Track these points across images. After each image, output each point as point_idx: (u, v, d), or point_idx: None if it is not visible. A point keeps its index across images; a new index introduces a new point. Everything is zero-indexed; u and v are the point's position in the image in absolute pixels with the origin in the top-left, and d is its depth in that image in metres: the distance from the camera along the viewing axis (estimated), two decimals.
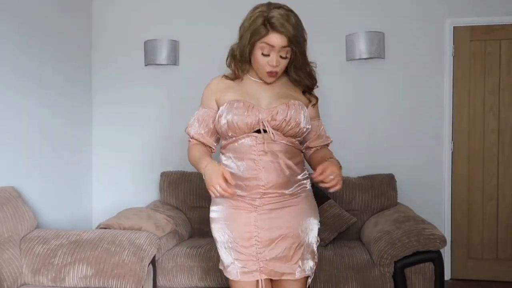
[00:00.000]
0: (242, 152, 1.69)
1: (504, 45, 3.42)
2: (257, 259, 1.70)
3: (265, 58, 1.64)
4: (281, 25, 1.57)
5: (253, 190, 1.68)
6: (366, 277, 2.58)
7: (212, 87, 1.80)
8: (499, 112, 3.44)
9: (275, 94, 1.72)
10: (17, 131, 2.81)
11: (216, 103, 1.76)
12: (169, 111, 3.70)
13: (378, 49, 3.37)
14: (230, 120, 1.65)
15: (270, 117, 1.65)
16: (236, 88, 1.74)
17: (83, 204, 3.65)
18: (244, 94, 1.71)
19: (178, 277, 2.75)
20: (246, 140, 1.68)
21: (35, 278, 2.31)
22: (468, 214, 3.47)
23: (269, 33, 1.59)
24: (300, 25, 1.63)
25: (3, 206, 2.34)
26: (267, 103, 1.70)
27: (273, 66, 1.64)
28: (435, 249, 2.50)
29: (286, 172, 1.69)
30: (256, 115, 1.65)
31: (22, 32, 2.86)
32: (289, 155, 1.70)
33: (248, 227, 1.70)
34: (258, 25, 1.60)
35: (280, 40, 1.59)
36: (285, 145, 1.69)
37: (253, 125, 1.66)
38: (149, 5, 3.71)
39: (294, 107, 1.67)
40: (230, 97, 1.71)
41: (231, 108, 1.66)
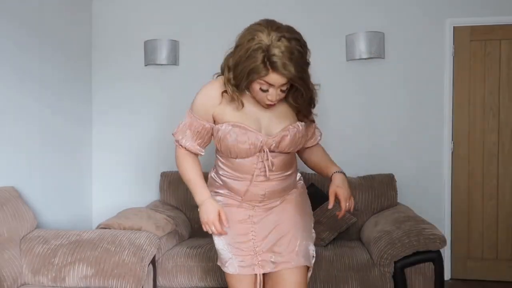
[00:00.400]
0: (240, 167, 1.71)
1: (504, 45, 3.42)
2: (255, 253, 1.74)
3: (263, 93, 1.56)
4: (282, 66, 1.45)
5: (252, 198, 1.75)
6: (366, 277, 2.58)
7: (211, 100, 1.66)
8: (499, 112, 3.44)
9: (273, 113, 1.67)
10: (17, 131, 2.81)
11: (213, 117, 1.68)
12: (169, 111, 3.70)
13: (378, 49, 3.37)
14: (232, 146, 1.64)
15: (274, 144, 1.65)
16: (234, 107, 1.64)
17: (83, 204, 3.65)
18: (243, 116, 1.64)
19: (178, 277, 2.75)
20: (247, 160, 1.68)
21: (35, 278, 2.31)
22: (468, 214, 3.47)
23: (269, 73, 1.48)
24: (304, 55, 1.51)
25: (3, 206, 2.34)
26: (266, 125, 1.67)
27: (271, 100, 1.58)
28: (435, 249, 2.50)
29: (285, 181, 1.76)
30: (258, 144, 1.64)
31: (22, 32, 2.86)
32: (287, 164, 1.75)
33: (244, 224, 1.76)
34: (257, 63, 1.47)
35: (280, 80, 1.50)
36: (283, 157, 1.72)
37: (254, 153, 1.66)
38: (149, 5, 3.71)
39: (295, 131, 1.67)
40: (230, 117, 1.64)
41: (232, 134, 1.62)
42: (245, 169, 1.70)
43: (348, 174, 3.29)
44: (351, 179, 3.29)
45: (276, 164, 1.69)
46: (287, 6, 3.53)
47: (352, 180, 3.29)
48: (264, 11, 3.55)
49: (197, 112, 1.70)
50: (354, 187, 3.24)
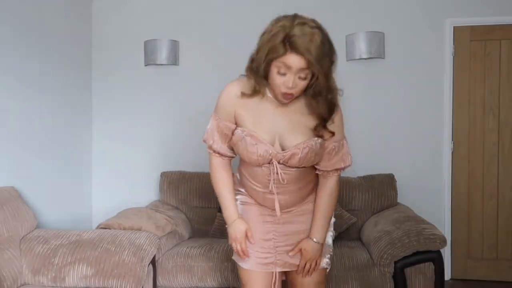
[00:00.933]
0: (256, 177, 1.71)
1: (504, 45, 3.42)
2: (275, 252, 1.76)
3: (281, 78, 1.49)
4: (301, 46, 1.41)
5: (269, 206, 1.75)
6: (366, 277, 2.58)
7: (232, 99, 1.64)
8: (499, 112, 3.44)
9: (292, 124, 1.61)
10: (17, 131, 2.81)
11: (234, 117, 1.66)
12: (169, 111, 3.70)
13: (378, 49, 3.37)
14: (243, 154, 1.65)
15: (283, 159, 1.62)
16: (253, 113, 1.62)
17: (83, 204, 3.65)
18: (260, 124, 1.61)
19: (178, 277, 2.75)
20: (259, 169, 1.68)
21: (35, 278, 2.31)
22: (468, 214, 3.47)
23: (287, 53, 1.43)
24: (326, 46, 1.46)
25: (3, 206, 2.34)
26: (281, 134, 1.62)
27: (288, 87, 1.49)
28: (435, 249, 2.50)
29: (299, 193, 1.74)
30: (268, 156, 1.62)
31: (22, 33, 2.86)
32: (301, 178, 1.71)
33: (266, 224, 1.77)
34: (276, 42, 1.44)
35: (298, 62, 1.44)
36: (297, 171, 1.67)
37: (263, 163, 1.65)
38: (149, 5, 3.71)
39: (308, 148, 1.60)
40: (247, 122, 1.62)
41: (243, 142, 1.62)
42: (258, 177, 1.71)
43: (348, 174, 3.32)
44: (351, 179, 3.29)
45: (288, 178, 1.67)
46: (287, 6, 3.52)
47: (352, 180, 3.29)
48: (264, 11, 3.55)
49: (220, 113, 1.68)
50: (354, 187, 3.25)
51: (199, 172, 3.48)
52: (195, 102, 3.67)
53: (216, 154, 1.76)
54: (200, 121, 3.66)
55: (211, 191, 3.33)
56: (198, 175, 3.44)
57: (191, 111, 3.68)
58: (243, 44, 3.55)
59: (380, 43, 3.38)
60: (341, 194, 3.21)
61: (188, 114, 3.68)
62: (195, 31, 3.66)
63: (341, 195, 3.21)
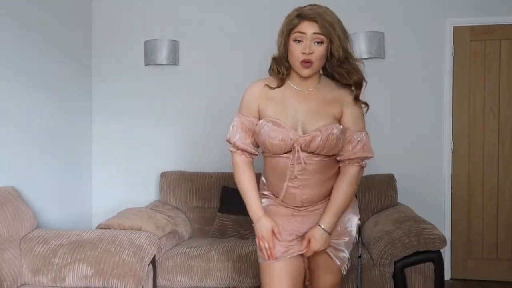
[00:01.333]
0: (277, 170, 1.73)
1: (504, 45, 3.42)
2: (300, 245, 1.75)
3: (298, 46, 1.62)
4: (312, 13, 1.60)
5: (292, 203, 1.76)
6: (366, 277, 2.58)
7: (255, 93, 1.74)
8: (499, 112, 3.43)
9: (313, 111, 1.69)
10: (17, 131, 2.81)
11: (257, 111, 1.74)
12: (169, 111, 3.70)
13: (378, 49, 3.37)
14: (265, 140, 1.67)
15: (304, 143, 1.65)
16: (276, 101, 1.71)
17: (83, 204, 3.65)
18: (283, 111, 1.69)
19: (178, 277, 2.75)
20: (280, 159, 1.70)
21: (35, 278, 2.31)
22: (468, 214, 3.47)
23: (301, 22, 1.61)
24: (335, 16, 1.64)
25: (3, 206, 2.34)
26: (303, 120, 1.68)
27: (306, 53, 1.60)
28: (435, 249, 2.50)
29: (321, 187, 1.74)
30: (290, 140, 1.65)
31: (22, 33, 2.86)
32: (325, 169, 1.72)
33: (290, 225, 1.77)
34: (291, 18, 1.65)
35: (310, 27, 1.60)
36: (319, 161, 1.70)
37: (286, 149, 1.67)
38: (149, 5, 3.71)
39: (329, 132, 1.64)
40: (270, 111, 1.70)
41: (266, 128, 1.66)
42: (279, 168, 1.71)
43: None
44: None
45: (311, 168, 1.68)
46: (287, 6, 3.52)
47: None
48: (264, 11, 3.58)
49: (245, 110, 1.75)
50: None
51: (199, 172, 3.48)
52: (195, 102, 3.68)
53: (239, 151, 1.77)
54: (200, 121, 3.67)
55: (211, 191, 3.37)
56: (198, 175, 3.44)
57: (191, 111, 3.68)
58: (243, 44, 3.59)
59: (380, 43, 3.38)
60: None
61: (188, 114, 3.69)
62: (195, 31, 3.66)
63: None
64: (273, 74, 1.74)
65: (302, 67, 1.63)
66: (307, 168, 1.68)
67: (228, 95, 3.61)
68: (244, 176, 1.78)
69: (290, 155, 1.68)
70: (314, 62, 1.62)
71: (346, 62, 1.67)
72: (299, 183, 1.70)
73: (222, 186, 3.34)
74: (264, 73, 2.03)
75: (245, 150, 1.76)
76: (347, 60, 1.67)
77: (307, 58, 1.61)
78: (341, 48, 1.63)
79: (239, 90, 3.66)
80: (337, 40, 1.62)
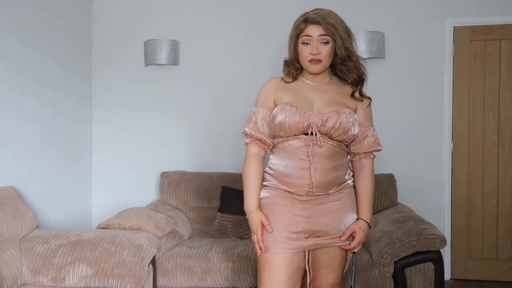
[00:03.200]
0: (290, 151, 1.78)
1: (504, 45, 3.42)
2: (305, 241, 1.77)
3: (306, 48, 1.77)
4: (316, 18, 1.75)
5: (299, 188, 1.77)
6: (366, 277, 2.58)
7: (272, 86, 1.87)
8: (499, 112, 3.44)
9: (327, 99, 1.81)
10: (17, 131, 2.81)
11: (273, 102, 1.84)
12: (169, 111, 3.70)
13: (378, 49, 3.37)
14: (282, 121, 1.75)
15: (320, 122, 1.74)
16: (292, 91, 1.82)
17: (83, 204, 3.65)
18: (299, 98, 1.80)
19: (178, 277, 2.75)
20: (295, 141, 1.77)
21: (35, 278, 2.31)
22: (468, 214, 3.47)
23: (307, 26, 1.77)
24: (339, 18, 1.79)
25: (3, 206, 2.34)
26: (318, 107, 1.79)
27: (313, 53, 1.75)
28: (435, 249, 2.50)
29: (331, 173, 1.79)
30: (307, 119, 1.74)
31: (22, 33, 2.86)
32: (335, 157, 1.80)
33: (294, 216, 1.78)
34: (298, 23, 1.80)
35: (316, 29, 1.75)
36: (331, 146, 1.78)
37: (303, 128, 1.75)
38: (149, 5, 3.71)
39: (344, 115, 1.75)
40: (286, 99, 1.80)
41: (285, 110, 1.75)
42: (293, 150, 1.77)
43: None
44: None
45: (321, 151, 1.75)
46: (287, 7, 3.53)
47: None
48: (264, 12, 3.58)
49: (260, 103, 1.85)
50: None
51: (199, 172, 3.48)
52: (195, 102, 3.68)
53: (254, 142, 1.83)
54: (200, 121, 3.67)
55: (211, 191, 3.37)
56: (198, 175, 3.44)
57: (191, 111, 3.68)
58: (243, 44, 3.59)
59: (380, 43, 3.38)
60: None
61: (188, 114, 3.69)
62: (195, 31, 3.66)
63: None
64: (287, 74, 1.88)
65: (312, 64, 1.77)
66: (318, 151, 1.75)
67: (228, 95, 3.63)
68: (251, 167, 1.83)
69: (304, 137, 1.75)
70: (322, 60, 1.77)
71: (348, 60, 1.80)
72: (310, 165, 1.75)
73: (222, 186, 3.34)
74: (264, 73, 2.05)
75: (259, 140, 1.82)
76: (349, 58, 1.80)
77: (315, 57, 1.76)
78: (343, 47, 1.77)
79: (239, 90, 3.70)
80: (339, 40, 1.75)
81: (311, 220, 1.77)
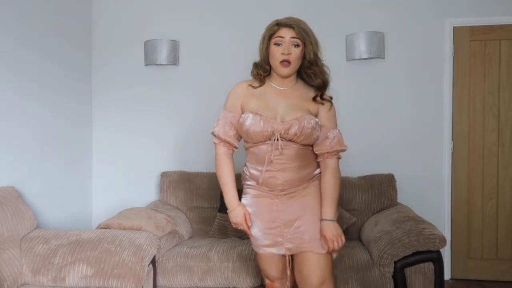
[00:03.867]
0: (260, 156, 1.93)
1: (504, 45, 3.42)
2: (282, 238, 1.95)
3: (278, 49, 1.89)
4: (288, 21, 1.90)
5: (273, 187, 1.95)
6: (366, 277, 2.58)
7: (238, 92, 1.99)
8: (499, 112, 3.44)
9: (291, 105, 1.92)
10: (17, 131, 2.81)
11: (241, 108, 1.96)
12: (169, 111, 3.70)
13: (378, 49, 3.38)
14: (249, 129, 1.88)
15: (283, 130, 1.87)
16: (258, 97, 1.94)
17: (83, 204, 3.65)
18: (264, 105, 1.92)
19: (178, 277, 2.75)
20: (263, 146, 1.91)
21: (35, 278, 2.31)
22: (468, 214, 3.47)
23: (279, 29, 1.90)
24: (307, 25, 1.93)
25: (3, 206, 2.34)
26: (282, 113, 1.91)
27: (284, 54, 1.87)
28: (435, 249, 2.50)
29: (299, 172, 1.93)
30: (271, 127, 1.87)
31: (22, 32, 2.86)
32: (302, 156, 1.93)
33: (271, 213, 1.96)
34: (271, 26, 1.93)
35: (288, 32, 1.88)
36: (297, 149, 1.91)
37: (267, 136, 1.88)
38: (149, 5, 3.71)
39: (305, 121, 1.87)
40: (253, 106, 1.92)
41: (250, 118, 1.88)
42: (261, 155, 1.92)
43: (348, 174, 3.32)
44: (351, 179, 3.29)
45: (288, 154, 1.90)
46: (287, 7, 3.53)
47: (352, 180, 3.29)
48: (264, 12, 3.58)
49: (228, 107, 1.98)
50: (354, 187, 3.25)
51: (199, 172, 3.48)
52: (195, 102, 3.68)
53: (222, 143, 1.98)
54: (200, 121, 3.67)
55: (211, 191, 3.37)
56: (198, 175, 3.44)
57: (191, 111, 3.68)
58: (243, 44, 3.59)
59: (380, 43, 3.38)
60: (341, 194, 3.20)
61: (188, 114, 3.69)
62: (195, 31, 3.67)
63: (341, 195, 3.20)
64: (255, 76, 1.99)
65: (282, 66, 1.89)
66: (284, 153, 1.89)
67: None
68: (224, 165, 1.98)
69: (270, 142, 1.89)
70: (292, 62, 1.88)
71: (315, 65, 1.94)
72: (278, 167, 1.90)
73: None
74: None
75: (227, 142, 1.97)
76: (316, 63, 1.93)
77: (286, 58, 1.87)
78: (313, 51, 1.90)
79: None
80: (309, 45, 1.89)
81: (288, 212, 1.94)
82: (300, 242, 1.93)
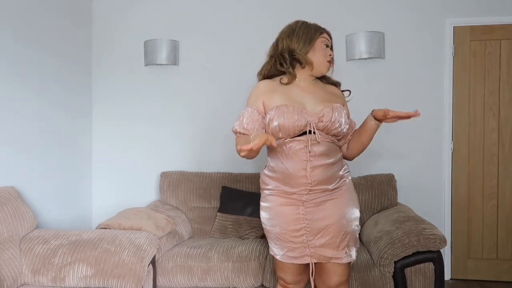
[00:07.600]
0: (290, 154, 1.88)
1: (504, 45, 3.42)
2: (307, 245, 1.92)
3: (327, 49, 1.97)
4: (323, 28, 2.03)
5: (300, 187, 1.88)
6: (366, 277, 2.58)
7: (261, 88, 1.98)
8: (499, 112, 3.44)
9: (317, 98, 1.94)
10: (17, 131, 2.81)
11: (262, 104, 1.94)
12: (169, 111, 3.70)
13: (378, 49, 3.37)
14: (282, 123, 1.84)
15: (317, 119, 1.87)
16: (282, 93, 1.93)
17: (83, 204, 3.65)
18: (290, 99, 1.90)
19: (178, 277, 2.75)
20: (294, 143, 1.87)
21: (35, 278, 2.31)
22: (468, 214, 3.47)
23: (324, 32, 2.00)
24: None
25: (3, 206, 2.34)
26: (311, 107, 1.91)
27: (331, 55, 1.98)
28: (435, 249, 2.50)
29: (329, 170, 1.91)
30: (305, 118, 1.85)
31: (22, 32, 2.86)
32: (332, 153, 1.93)
33: (297, 221, 1.91)
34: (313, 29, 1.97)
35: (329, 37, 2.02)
36: (327, 143, 1.91)
37: (302, 127, 1.85)
38: (149, 5, 3.71)
39: (337, 110, 1.91)
40: (278, 101, 1.90)
41: (281, 112, 1.85)
42: (293, 151, 1.87)
43: None
44: (351, 179, 3.29)
45: (320, 150, 1.87)
46: (287, 7, 3.53)
47: (352, 180, 3.28)
48: (264, 12, 3.58)
49: (250, 104, 1.97)
50: (354, 187, 3.24)
51: (199, 172, 3.48)
52: (195, 102, 3.68)
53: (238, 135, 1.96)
54: (200, 121, 3.67)
55: (211, 191, 3.37)
56: (198, 175, 3.45)
57: (191, 111, 3.68)
58: (243, 44, 3.59)
59: (380, 43, 3.38)
60: None
61: (188, 114, 3.69)
62: (195, 31, 3.66)
63: None
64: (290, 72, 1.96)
65: (328, 66, 1.98)
66: (316, 151, 1.86)
67: (228, 95, 3.62)
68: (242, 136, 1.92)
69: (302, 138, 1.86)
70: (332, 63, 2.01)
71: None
72: (309, 165, 1.86)
73: (222, 186, 3.34)
74: None
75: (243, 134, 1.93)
76: None
77: (331, 58, 1.99)
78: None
79: (239, 90, 3.70)
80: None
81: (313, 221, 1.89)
82: (324, 258, 1.92)
